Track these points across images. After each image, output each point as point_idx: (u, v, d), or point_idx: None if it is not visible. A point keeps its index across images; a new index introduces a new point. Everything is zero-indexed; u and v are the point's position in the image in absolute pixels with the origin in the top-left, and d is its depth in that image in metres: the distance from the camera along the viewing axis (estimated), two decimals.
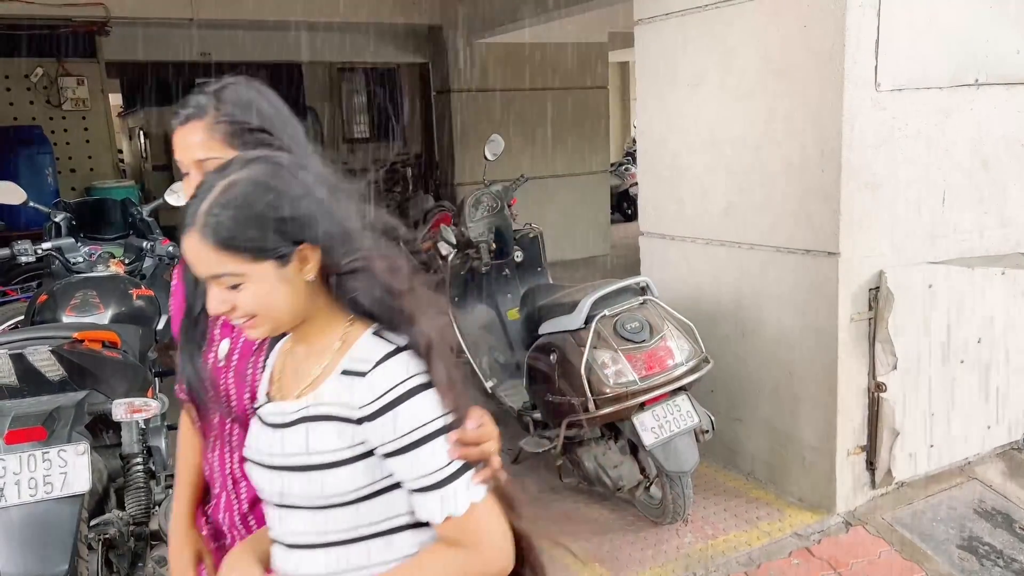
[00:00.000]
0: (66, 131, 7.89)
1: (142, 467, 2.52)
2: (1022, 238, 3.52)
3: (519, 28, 7.45)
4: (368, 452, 1.10)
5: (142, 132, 11.65)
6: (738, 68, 3.30)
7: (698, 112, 3.53)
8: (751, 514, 3.24)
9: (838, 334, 3.06)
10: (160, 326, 3.25)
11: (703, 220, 3.58)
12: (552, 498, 3.43)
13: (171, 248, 3.49)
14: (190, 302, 1.39)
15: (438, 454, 1.09)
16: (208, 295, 1.12)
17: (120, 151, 11.71)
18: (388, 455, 1.10)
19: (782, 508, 3.27)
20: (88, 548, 2.24)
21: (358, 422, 1.09)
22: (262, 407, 1.22)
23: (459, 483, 1.10)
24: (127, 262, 3.46)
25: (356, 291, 1.12)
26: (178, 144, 1.35)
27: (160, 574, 2.45)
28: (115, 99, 11.64)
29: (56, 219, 3.82)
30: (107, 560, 2.38)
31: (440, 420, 1.10)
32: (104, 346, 2.56)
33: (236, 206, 1.07)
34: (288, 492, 1.14)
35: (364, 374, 1.10)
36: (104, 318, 2.90)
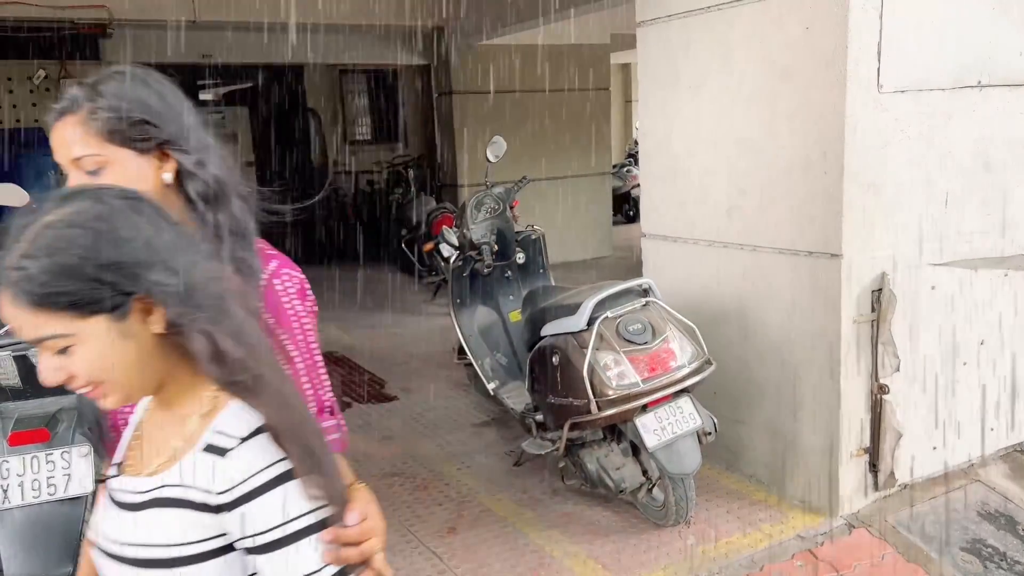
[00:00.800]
0: None
1: None
2: None
3: (521, 30, 7.46)
4: (229, 546, 0.95)
5: None
6: (740, 70, 3.30)
7: (700, 114, 3.53)
8: (754, 516, 3.24)
9: (841, 336, 3.06)
10: None
11: (705, 222, 3.58)
12: (554, 500, 3.43)
13: None
14: None
15: (308, 556, 0.93)
16: (38, 364, 0.95)
17: None
18: (250, 551, 0.94)
19: (785, 510, 3.27)
20: None
21: (216, 510, 0.93)
22: (112, 479, 1.04)
23: None
24: None
25: (198, 354, 0.94)
26: (54, 142, 1.24)
27: None
28: None
29: None
30: None
31: (311, 515, 0.94)
32: None
33: (48, 254, 0.88)
34: None
35: (225, 452, 0.94)
36: None
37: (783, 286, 3.26)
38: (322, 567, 0.94)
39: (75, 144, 1.21)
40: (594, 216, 9.41)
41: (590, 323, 3.02)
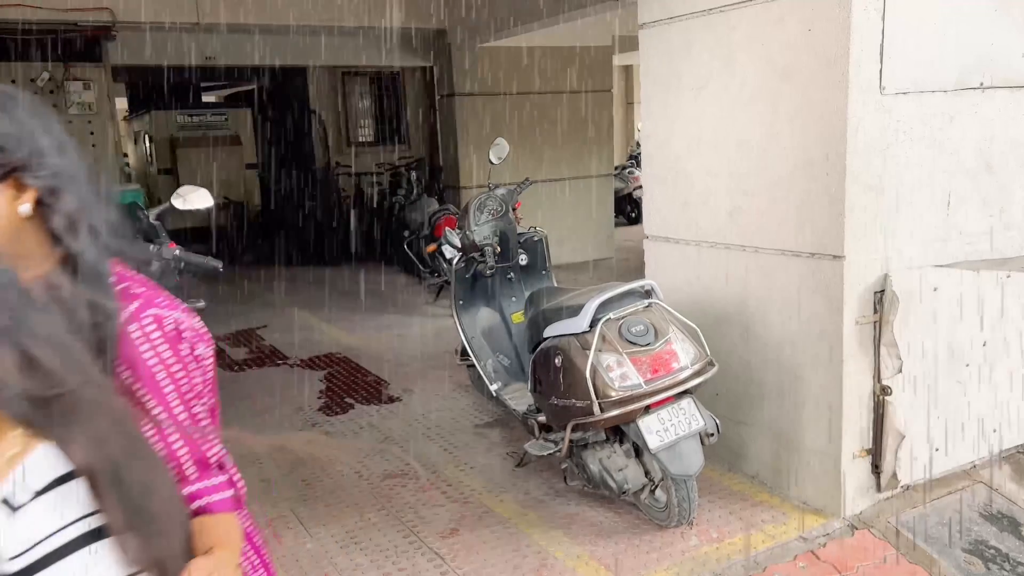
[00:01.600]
0: (72, 135, 7.91)
1: None
2: None
3: (524, 32, 7.47)
4: None
5: (147, 136, 11.70)
6: (742, 72, 3.30)
7: (702, 115, 3.54)
8: (756, 517, 3.24)
9: (843, 337, 3.06)
10: None
11: (707, 223, 3.59)
12: (557, 501, 3.43)
13: (178, 252, 3.50)
14: None
15: None
16: None
17: (126, 155, 11.77)
18: None
19: (787, 511, 3.27)
20: None
21: None
22: None
23: None
24: (133, 266, 3.47)
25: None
26: None
27: None
28: (121, 103, 11.70)
29: None
30: None
31: None
32: None
33: None
34: None
35: (16, 509, 0.79)
36: None
37: (785, 287, 3.26)
38: None
39: None
40: (596, 218, 9.42)
41: (593, 324, 3.03)
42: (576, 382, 2.99)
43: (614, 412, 2.89)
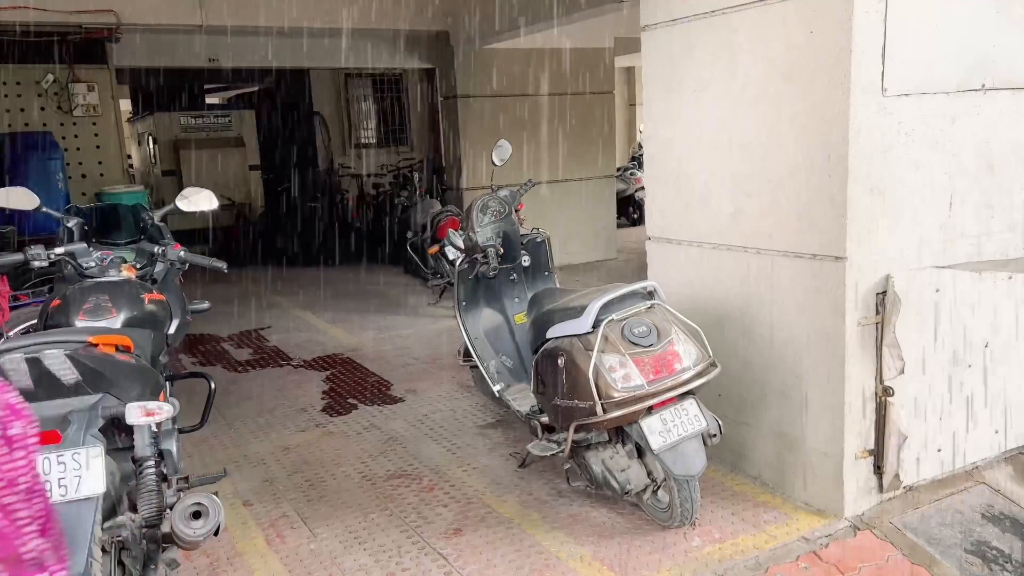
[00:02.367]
0: (76, 137, 7.98)
1: (154, 470, 2.54)
2: None
3: (526, 34, 7.49)
4: None
5: (151, 138, 11.73)
6: (744, 73, 3.32)
7: (704, 117, 3.55)
8: (758, 518, 3.25)
9: (845, 338, 3.07)
10: (171, 330, 3.28)
11: (709, 225, 3.60)
12: (559, 502, 3.44)
13: (182, 253, 3.52)
14: None
15: None
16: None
17: (129, 156, 11.80)
18: None
19: (789, 512, 3.28)
20: (102, 550, 2.26)
21: None
22: None
23: None
24: (138, 267, 3.49)
25: None
26: None
27: None
28: (124, 104, 11.73)
29: (69, 224, 3.85)
30: (120, 562, 2.40)
31: None
32: (117, 350, 2.58)
33: None
34: None
35: None
36: (116, 322, 2.92)
37: (787, 288, 3.27)
38: None
39: None
40: (598, 219, 9.43)
41: (595, 325, 3.04)
42: (579, 383, 3.00)
43: (617, 413, 2.90)
